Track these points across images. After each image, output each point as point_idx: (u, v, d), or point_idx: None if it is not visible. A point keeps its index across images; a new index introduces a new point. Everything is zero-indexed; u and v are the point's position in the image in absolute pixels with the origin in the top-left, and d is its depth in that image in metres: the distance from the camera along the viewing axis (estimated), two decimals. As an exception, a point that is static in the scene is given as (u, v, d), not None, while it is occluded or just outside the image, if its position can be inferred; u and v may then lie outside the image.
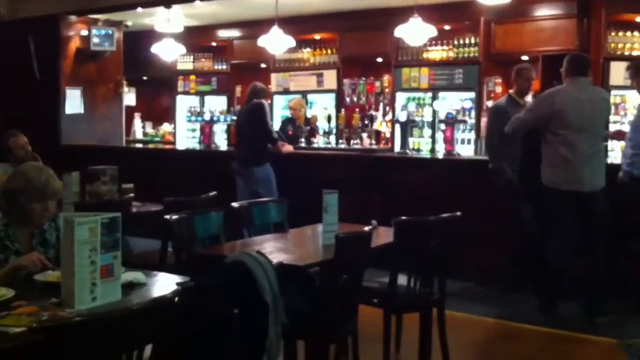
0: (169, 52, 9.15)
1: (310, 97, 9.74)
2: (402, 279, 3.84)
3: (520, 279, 5.54)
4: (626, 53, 7.46)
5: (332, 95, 9.54)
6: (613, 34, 7.59)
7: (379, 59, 9.26)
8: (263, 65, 10.04)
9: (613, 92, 7.35)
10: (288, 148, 7.20)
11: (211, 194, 5.12)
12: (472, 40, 8.32)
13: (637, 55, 7.28)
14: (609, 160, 5.78)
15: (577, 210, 5.06)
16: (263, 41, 8.00)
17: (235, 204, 4.56)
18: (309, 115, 9.26)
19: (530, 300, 5.30)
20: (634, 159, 5.24)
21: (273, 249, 3.74)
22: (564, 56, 5.44)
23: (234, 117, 8.40)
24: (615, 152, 6.41)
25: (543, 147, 5.21)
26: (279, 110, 9.87)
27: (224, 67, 10.67)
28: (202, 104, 10.88)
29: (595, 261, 5.08)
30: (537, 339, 4.75)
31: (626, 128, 6.03)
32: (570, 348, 4.61)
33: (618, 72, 7.28)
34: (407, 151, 7.48)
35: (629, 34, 7.56)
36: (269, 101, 8.69)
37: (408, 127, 8.14)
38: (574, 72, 5.20)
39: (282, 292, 3.16)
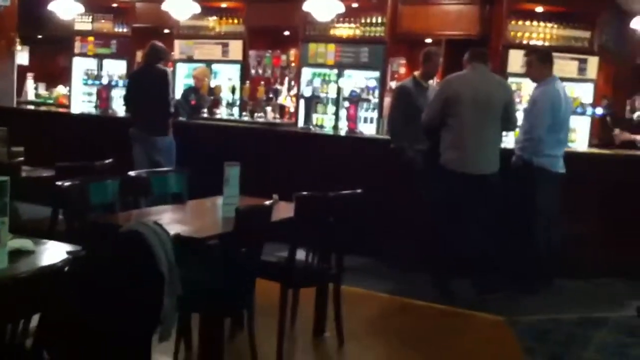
0: (66, 10, 8.72)
1: (214, 66, 9.56)
2: (301, 254, 3.84)
3: (417, 256, 5.67)
4: (525, 42, 7.73)
5: (237, 66, 9.40)
6: (513, 22, 7.84)
7: (286, 32, 9.19)
8: (166, 31, 9.75)
9: (511, 79, 7.59)
10: None
11: (107, 161, 4.94)
12: (379, 20, 8.39)
13: (534, 45, 7.55)
14: (504, 145, 5.96)
15: (471, 192, 5.23)
16: (167, 5, 7.76)
17: (132, 173, 4.41)
18: (212, 85, 9.09)
19: (425, 277, 5.45)
20: (525, 144, 5.46)
21: (171, 220, 3.65)
22: (467, 41, 5.59)
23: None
24: (510, 137, 6.63)
25: (442, 130, 5.35)
26: (181, 79, 9.62)
27: (125, 30, 10.28)
28: (100, 67, 10.46)
29: (486, 241, 5.27)
30: (429, 315, 4.89)
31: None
32: (461, 324, 4.77)
33: (516, 60, 7.54)
34: (311, 127, 7.48)
35: (528, 23, 7.83)
36: (171, 67, 8.47)
37: (312, 102, 8.16)
38: (472, 59, 5.40)
39: (178, 263, 3.09)
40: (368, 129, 7.99)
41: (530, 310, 4.98)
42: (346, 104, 8.24)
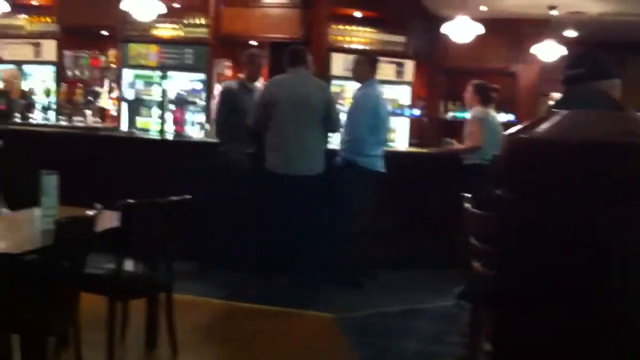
0: None
1: (26, 68, 8.96)
2: (129, 264, 3.70)
3: (244, 259, 5.66)
4: (346, 45, 7.99)
5: (52, 68, 8.87)
6: (334, 26, 8.08)
7: (104, 32, 8.81)
8: (-29, 31, 9.00)
9: (334, 82, 7.84)
10: None
11: None
12: (202, 21, 8.30)
13: (356, 49, 7.81)
14: (330, 146, 6.11)
15: (293, 193, 5.31)
16: (-31, 3, 7.18)
17: None
18: (25, 88, 8.51)
19: (253, 280, 5.48)
20: (349, 144, 5.66)
21: (-18, 236, 3.37)
22: (290, 44, 5.69)
23: None
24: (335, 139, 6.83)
25: (266, 133, 5.41)
26: (-12, 81, 8.92)
27: None
28: None
29: (310, 240, 5.39)
30: (259, 317, 4.91)
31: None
32: (290, 323, 4.83)
33: (339, 63, 7.79)
34: (135, 131, 7.24)
35: (348, 27, 8.11)
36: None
37: (136, 105, 7.91)
38: (291, 62, 5.51)
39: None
40: (196, 132, 7.87)
41: (354, 306, 5.15)
42: (172, 106, 8.06)
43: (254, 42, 8.04)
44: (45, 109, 8.70)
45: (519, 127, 1.97)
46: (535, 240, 1.78)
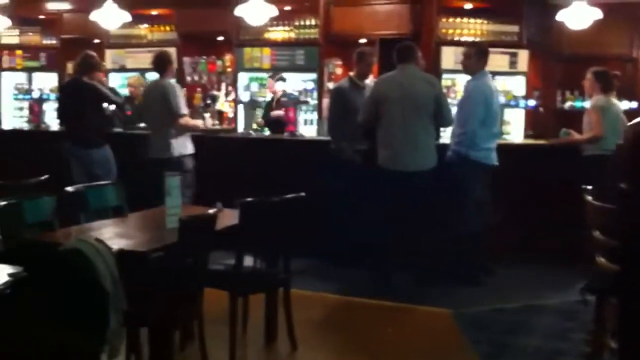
0: (-8, 24, 8.46)
1: (148, 75, 9.39)
2: (248, 261, 3.82)
3: (358, 254, 5.69)
4: (456, 38, 7.86)
5: (172, 74, 9.26)
6: (444, 19, 7.96)
7: (220, 38, 9.11)
8: (96, 41, 9.54)
9: (445, 76, 7.73)
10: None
11: (42, 177, 4.82)
12: (312, 22, 8.41)
13: (467, 41, 7.67)
14: (442, 141, 6.03)
15: (401, 189, 5.28)
16: (96, 15, 7.62)
17: (69, 188, 4.31)
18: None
19: (368, 275, 5.50)
20: (461, 138, 5.57)
21: (112, 235, 3.59)
22: (400, 40, 5.68)
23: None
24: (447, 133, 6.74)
25: (377, 130, 5.44)
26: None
27: (54, 41, 10.02)
28: (30, 81, 10.17)
29: (418, 234, 5.34)
30: (375, 312, 4.94)
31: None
32: (407, 318, 4.84)
33: (449, 56, 7.67)
34: (251, 132, 7.44)
35: (458, 20, 7.97)
36: (104, 78, 8.32)
37: (251, 107, 8.12)
38: (399, 59, 5.51)
39: (123, 278, 3.04)
40: (309, 131, 7.99)
41: (473, 301, 5.08)
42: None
43: (363, 40, 8.07)
44: (167, 114, 9.07)
45: (643, 116, 1.88)
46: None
